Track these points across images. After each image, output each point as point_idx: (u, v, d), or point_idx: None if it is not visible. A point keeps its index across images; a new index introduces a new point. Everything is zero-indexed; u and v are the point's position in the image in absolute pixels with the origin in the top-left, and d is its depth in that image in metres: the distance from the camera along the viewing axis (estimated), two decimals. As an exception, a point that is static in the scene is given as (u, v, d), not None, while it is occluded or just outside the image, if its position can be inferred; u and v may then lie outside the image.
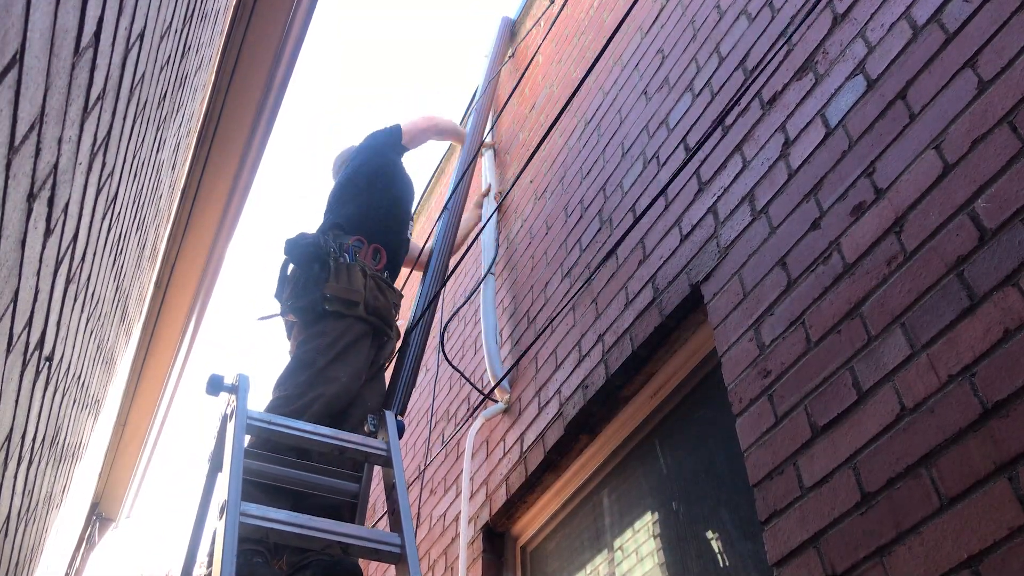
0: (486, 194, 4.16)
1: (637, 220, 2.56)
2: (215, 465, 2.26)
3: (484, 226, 3.89)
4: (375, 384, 2.84)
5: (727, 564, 1.97)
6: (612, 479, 2.50)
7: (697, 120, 2.45)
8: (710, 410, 2.16)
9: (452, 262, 4.03)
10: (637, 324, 2.34)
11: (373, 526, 3.75)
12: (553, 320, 2.89)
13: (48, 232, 1.24)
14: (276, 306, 2.94)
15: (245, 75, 3.34)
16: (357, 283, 2.74)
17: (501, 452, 2.95)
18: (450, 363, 3.50)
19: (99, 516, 5.97)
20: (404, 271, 3.64)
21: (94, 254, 1.74)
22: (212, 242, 4.05)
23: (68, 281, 1.53)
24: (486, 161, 4.45)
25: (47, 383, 1.70)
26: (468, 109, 5.48)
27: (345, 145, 3.96)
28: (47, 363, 1.61)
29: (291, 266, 2.87)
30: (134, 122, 1.75)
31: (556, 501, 2.71)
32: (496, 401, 3.10)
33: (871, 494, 1.42)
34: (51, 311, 1.46)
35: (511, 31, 5.25)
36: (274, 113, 3.57)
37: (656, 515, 2.28)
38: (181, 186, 3.64)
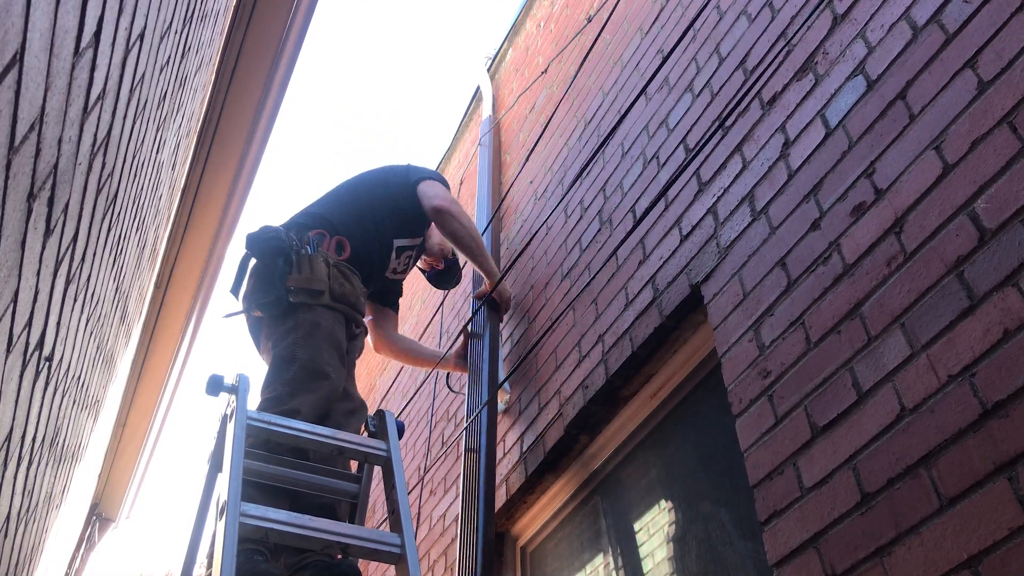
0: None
1: (637, 221, 2.56)
2: (215, 465, 2.26)
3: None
4: (351, 378, 2.81)
5: (727, 565, 1.97)
6: (612, 479, 2.50)
7: (697, 120, 2.45)
8: (710, 411, 2.16)
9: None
10: (637, 324, 2.34)
11: (378, 527, 3.75)
12: (553, 320, 2.89)
13: (48, 232, 1.24)
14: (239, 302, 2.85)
15: (245, 75, 3.34)
16: (320, 272, 2.68)
17: (501, 452, 2.95)
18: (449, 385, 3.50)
19: (99, 516, 5.97)
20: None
21: (94, 254, 1.74)
22: (212, 242, 4.05)
23: (68, 281, 1.53)
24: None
25: (47, 383, 1.70)
26: (461, 122, 5.48)
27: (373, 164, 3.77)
28: (47, 363, 1.61)
29: (252, 260, 2.78)
30: (134, 122, 1.75)
31: (556, 502, 2.71)
32: (496, 402, 3.10)
33: (871, 494, 1.42)
34: (51, 311, 1.46)
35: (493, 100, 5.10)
36: (274, 113, 3.57)
37: (656, 515, 2.28)
38: (181, 186, 3.65)
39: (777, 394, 1.72)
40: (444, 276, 3.56)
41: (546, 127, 3.57)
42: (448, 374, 3.57)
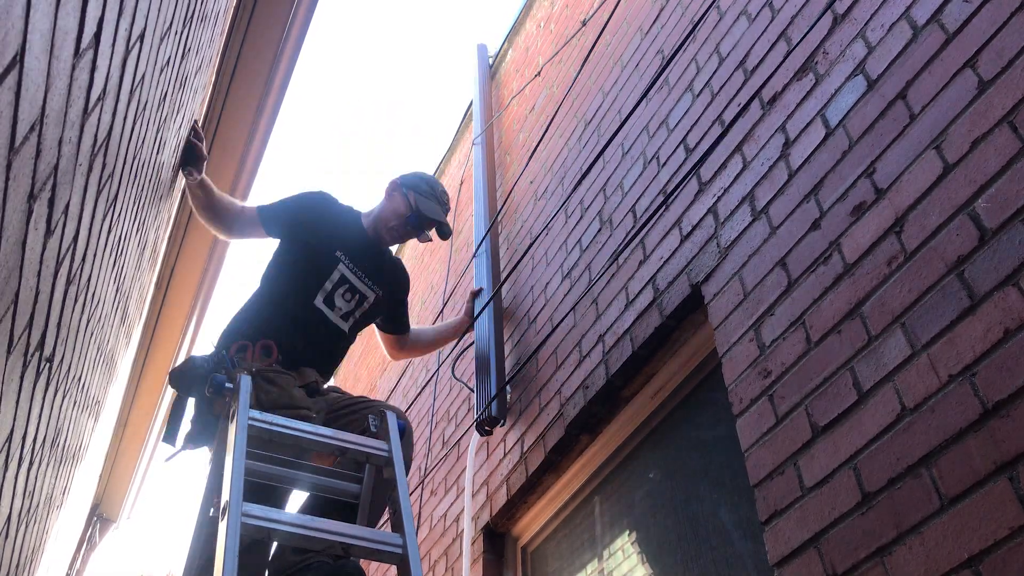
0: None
1: (637, 221, 2.56)
2: (216, 466, 2.26)
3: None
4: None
5: (728, 565, 1.97)
6: (612, 479, 2.50)
7: (697, 120, 2.45)
8: (710, 410, 2.16)
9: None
10: (637, 325, 2.34)
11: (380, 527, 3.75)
12: (553, 321, 2.89)
13: (48, 233, 1.24)
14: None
15: (245, 76, 3.34)
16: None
17: (502, 453, 2.95)
18: (457, 379, 3.50)
19: (100, 517, 5.97)
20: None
21: (94, 255, 1.74)
22: (212, 243, 4.05)
23: (68, 282, 1.53)
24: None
25: (47, 384, 1.70)
26: (455, 138, 5.48)
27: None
28: (47, 364, 1.61)
29: (189, 400, 2.52)
30: (134, 123, 1.75)
31: (557, 501, 2.71)
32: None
33: (871, 494, 1.42)
34: (51, 312, 1.46)
35: (490, 69, 5.16)
36: (274, 114, 3.57)
37: (656, 515, 2.28)
38: (181, 187, 3.65)
39: (778, 394, 1.72)
40: (419, 225, 2.94)
41: (547, 128, 3.56)
42: (453, 366, 3.61)
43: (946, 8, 1.63)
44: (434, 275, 5.03)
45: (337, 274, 2.76)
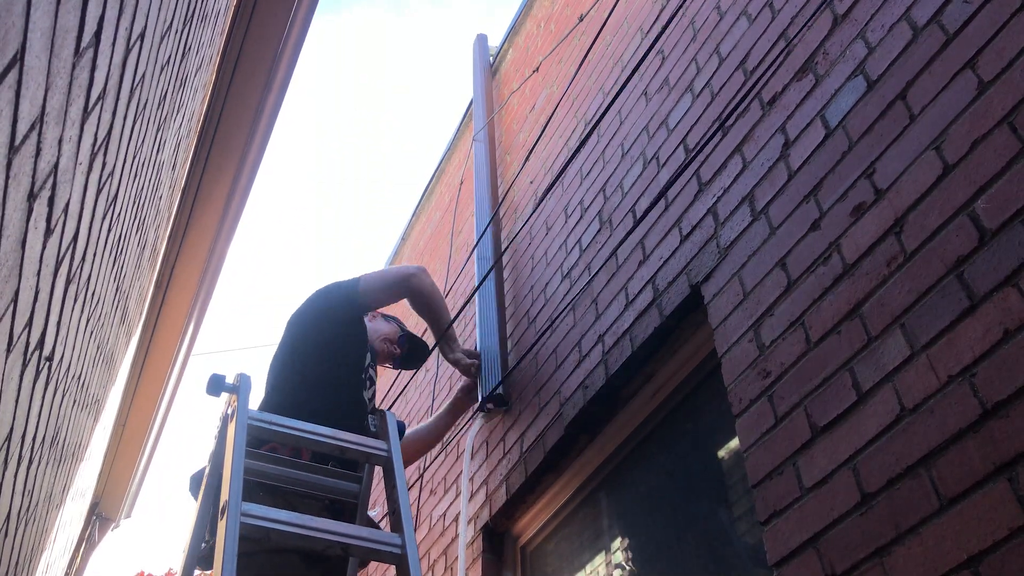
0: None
1: (637, 221, 2.56)
2: (216, 465, 2.26)
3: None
4: None
5: (727, 565, 1.97)
6: (612, 479, 2.50)
7: (697, 121, 2.45)
8: (710, 411, 2.16)
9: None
10: (637, 325, 2.34)
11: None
12: (553, 320, 2.89)
13: (48, 232, 1.24)
14: None
15: (245, 76, 3.34)
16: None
17: (501, 452, 2.95)
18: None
19: (99, 516, 5.97)
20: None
21: (94, 254, 1.74)
22: (212, 242, 4.05)
23: (68, 281, 1.53)
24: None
25: (47, 383, 1.70)
26: (458, 127, 5.48)
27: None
28: (47, 363, 1.61)
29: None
30: (134, 122, 1.75)
31: (556, 501, 2.71)
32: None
33: (871, 495, 1.42)
34: (51, 311, 1.46)
35: (492, 67, 5.16)
36: (274, 113, 3.57)
37: (656, 515, 2.28)
38: (181, 186, 3.64)
39: (777, 394, 1.72)
40: (411, 355, 3.26)
41: (546, 127, 3.56)
42: (442, 364, 3.61)
43: (946, 9, 1.63)
44: (435, 275, 5.02)
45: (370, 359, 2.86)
